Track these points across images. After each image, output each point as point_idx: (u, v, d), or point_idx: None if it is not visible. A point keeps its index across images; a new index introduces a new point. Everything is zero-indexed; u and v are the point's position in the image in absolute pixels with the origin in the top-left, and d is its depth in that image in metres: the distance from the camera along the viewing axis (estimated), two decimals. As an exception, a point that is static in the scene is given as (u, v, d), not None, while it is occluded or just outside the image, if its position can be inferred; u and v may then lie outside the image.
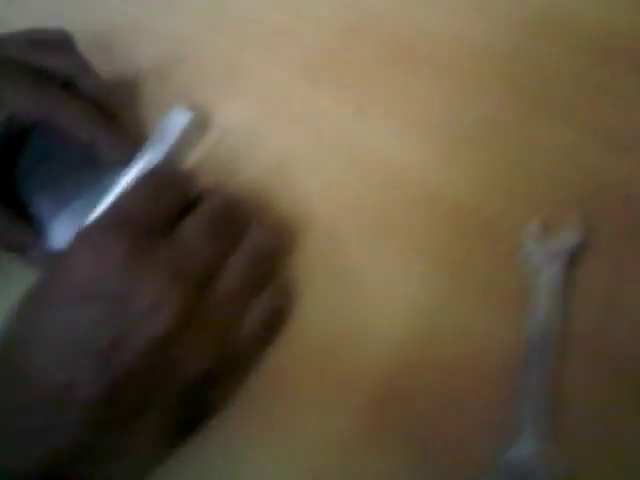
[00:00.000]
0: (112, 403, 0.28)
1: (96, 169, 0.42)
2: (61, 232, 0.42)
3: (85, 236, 0.32)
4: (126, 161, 0.42)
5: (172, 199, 0.34)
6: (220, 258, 0.32)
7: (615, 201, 0.33)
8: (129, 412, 0.29)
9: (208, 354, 0.31)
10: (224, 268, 0.32)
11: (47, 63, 0.41)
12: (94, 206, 0.41)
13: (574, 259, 0.32)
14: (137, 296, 0.29)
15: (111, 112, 0.43)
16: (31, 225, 0.43)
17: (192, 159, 0.43)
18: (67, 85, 0.42)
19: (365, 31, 0.44)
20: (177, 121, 0.42)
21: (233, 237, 0.34)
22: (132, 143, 0.42)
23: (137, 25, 0.51)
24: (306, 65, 0.44)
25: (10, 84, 0.39)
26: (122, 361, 0.28)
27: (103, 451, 0.28)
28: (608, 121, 0.36)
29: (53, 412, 0.27)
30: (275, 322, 0.35)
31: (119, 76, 0.48)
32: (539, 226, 0.33)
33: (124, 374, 0.28)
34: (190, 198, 0.35)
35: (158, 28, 0.50)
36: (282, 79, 0.44)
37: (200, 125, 0.43)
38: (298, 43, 0.45)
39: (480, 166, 0.37)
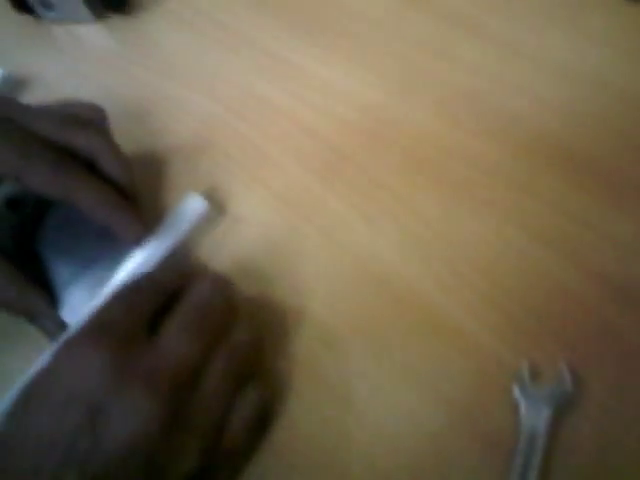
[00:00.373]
0: None
1: (113, 241, 0.44)
2: (76, 300, 0.44)
3: (67, 345, 0.33)
4: (139, 243, 0.43)
5: (151, 302, 0.35)
6: (202, 358, 0.33)
7: (610, 356, 0.33)
8: None
9: (196, 453, 0.31)
10: (207, 367, 0.33)
11: (73, 141, 0.43)
12: (110, 276, 0.42)
13: (560, 410, 0.32)
14: (115, 404, 0.30)
15: (131, 192, 0.44)
16: (44, 292, 0.44)
17: (202, 245, 0.44)
18: (91, 164, 0.43)
19: (386, 140, 0.44)
20: (191, 209, 0.43)
21: (216, 334, 0.34)
22: (146, 227, 0.43)
23: (171, 101, 0.52)
24: (323, 164, 0.44)
25: (31, 163, 0.40)
26: (102, 465, 0.29)
27: None
28: (616, 269, 0.35)
29: None
30: (261, 415, 0.35)
31: (146, 151, 0.49)
32: (528, 370, 0.33)
33: (105, 474, 0.29)
34: (177, 288, 0.36)
35: (190, 107, 0.52)
36: (298, 175, 0.45)
37: (213, 213, 0.44)
38: (319, 141, 0.46)
39: (481, 294, 0.36)
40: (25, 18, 0.63)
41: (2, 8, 0.63)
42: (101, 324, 0.34)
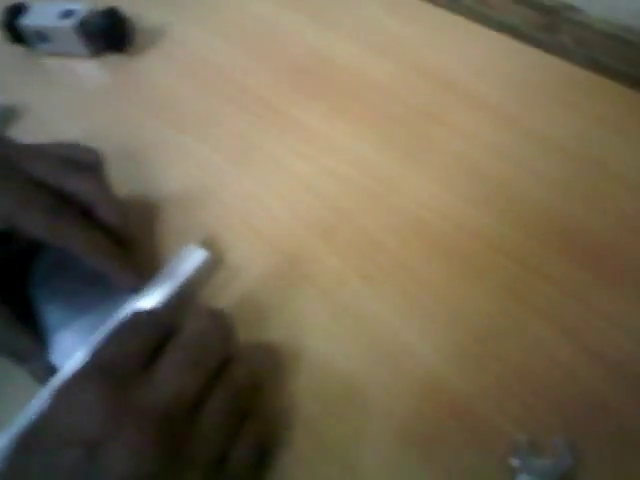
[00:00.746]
0: None
1: (107, 287, 0.43)
2: (65, 345, 0.43)
3: (66, 385, 0.33)
4: (135, 291, 0.42)
5: (150, 340, 0.35)
6: (199, 392, 0.33)
7: (606, 431, 0.34)
8: None
9: None
10: (206, 401, 0.33)
11: (69, 187, 0.42)
12: (101, 323, 0.42)
13: (558, 485, 0.33)
14: (112, 441, 0.30)
15: (127, 239, 0.44)
16: (35, 336, 0.43)
17: (199, 295, 0.44)
18: (87, 209, 0.43)
19: (386, 202, 0.45)
20: (191, 258, 0.43)
21: (214, 368, 0.34)
22: (142, 274, 0.43)
23: (167, 145, 0.53)
24: (322, 221, 0.45)
25: (27, 209, 0.40)
26: None
27: None
28: (611, 347, 0.37)
29: None
30: (260, 452, 0.35)
31: (141, 196, 0.49)
32: (527, 442, 0.34)
33: None
34: (171, 328, 0.36)
35: (187, 152, 0.52)
36: (297, 230, 0.45)
37: (213, 263, 0.44)
38: (318, 199, 0.46)
39: (480, 364, 0.37)
40: (18, 48, 0.63)
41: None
42: (97, 364, 0.34)
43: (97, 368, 0.33)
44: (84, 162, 0.45)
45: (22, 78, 0.62)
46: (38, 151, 0.44)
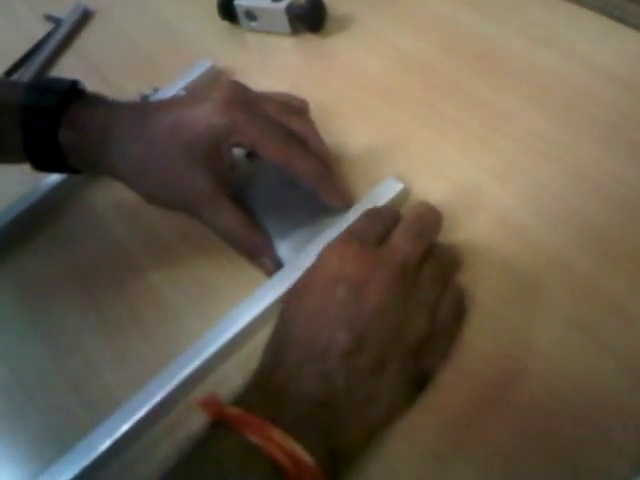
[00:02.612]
0: (360, 352, 0.40)
1: (317, 209, 0.54)
2: (281, 252, 0.53)
3: (330, 246, 0.45)
4: (342, 209, 0.53)
5: (383, 223, 0.48)
6: (418, 254, 0.45)
7: None
8: (373, 363, 0.40)
9: (423, 324, 0.42)
10: (424, 264, 0.45)
11: (291, 124, 0.54)
12: (311, 238, 0.52)
13: None
14: (366, 280, 0.42)
15: (332, 170, 0.55)
16: (267, 235, 0.54)
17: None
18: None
19: (549, 153, 0.55)
20: (389, 188, 0.54)
21: (424, 241, 0.46)
22: (349, 197, 0.54)
23: (353, 104, 0.64)
24: (496, 168, 0.55)
25: (267, 136, 0.51)
26: (363, 320, 0.41)
27: (361, 395, 0.40)
28: None
29: (320, 363, 0.40)
30: (458, 315, 0.46)
31: (338, 145, 0.60)
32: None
33: (366, 329, 0.40)
34: (396, 221, 0.48)
35: (373, 112, 0.63)
36: (473, 173, 0.55)
37: (406, 194, 0.55)
38: (489, 147, 0.57)
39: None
40: (225, 23, 0.77)
41: (207, 15, 0.78)
42: (352, 232, 0.47)
43: (354, 235, 0.46)
44: (296, 107, 0.57)
45: (229, 47, 0.75)
46: (266, 96, 0.55)
